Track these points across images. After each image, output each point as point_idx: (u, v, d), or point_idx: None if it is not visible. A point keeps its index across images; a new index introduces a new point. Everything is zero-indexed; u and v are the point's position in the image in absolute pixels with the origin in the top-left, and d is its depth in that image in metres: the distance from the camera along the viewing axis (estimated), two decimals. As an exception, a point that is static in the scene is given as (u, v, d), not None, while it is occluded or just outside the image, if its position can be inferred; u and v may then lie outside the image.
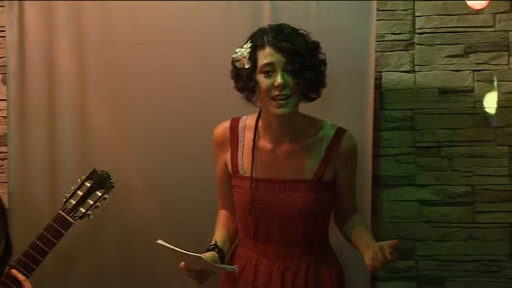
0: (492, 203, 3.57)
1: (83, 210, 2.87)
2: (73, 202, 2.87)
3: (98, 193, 2.90)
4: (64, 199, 2.87)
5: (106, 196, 2.91)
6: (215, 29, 3.47)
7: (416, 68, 3.62)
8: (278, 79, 2.58)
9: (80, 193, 2.88)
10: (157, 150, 3.48)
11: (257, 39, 2.65)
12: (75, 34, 3.52)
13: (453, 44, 3.59)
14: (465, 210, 3.60)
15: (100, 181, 2.91)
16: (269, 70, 2.60)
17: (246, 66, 2.65)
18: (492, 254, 3.59)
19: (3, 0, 3.58)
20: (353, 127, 2.86)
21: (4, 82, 3.66)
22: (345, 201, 2.86)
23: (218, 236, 2.84)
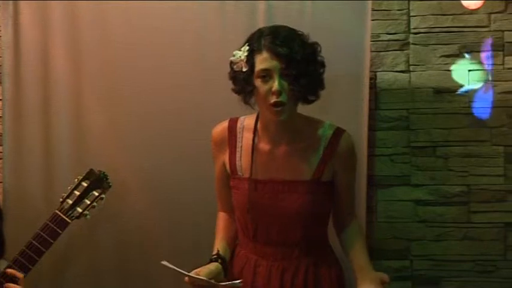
0: (487, 203, 3.58)
1: (80, 210, 2.87)
2: (70, 202, 2.87)
3: (95, 193, 2.90)
4: (61, 199, 2.87)
5: (103, 196, 2.92)
6: (210, 29, 3.47)
7: (411, 68, 3.62)
8: (275, 85, 2.57)
9: (77, 193, 2.88)
10: (153, 150, 3.48)
11: (254, 43, 2.63)
12: (70, 34, 3.52)
13: (448, 44, 3.59)
14: (460, 210, 3.60)
15: (97, 181, 2.91)
16: (266, 75, 2.59)
17: (244, 69, 2.63)
18: (487, 254, 3.59)
19: (-3, 0, 3.58)
20: (348, 127, 2.84)
21: (-1, 82, 3.66)
22: (344, 203, 2.84)
23: (219, 245, 2.83)
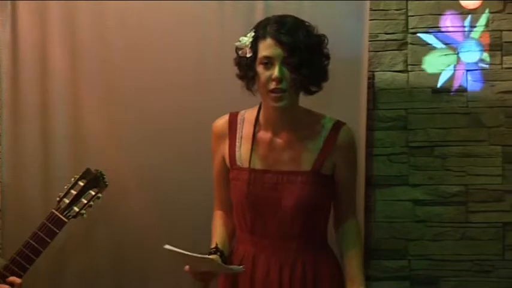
0: (485, 203, 3.57)
1: (77, 209, 2.88)
2: (67, 201, 2.87)
3: (92, 192, 2.91)
4: (58, 198, 2.88)
5: (100, 195, 2.92)
6: (209, 29, 3.47)
7: (409, 68, 3.62)
8: (275, 72, 2.58)
9: (74, 192, 2.89)
10: (151, 149, 3.48)
11: (260, 30, 2.66)
12: (68, 34, 3.52)
13: (446, 44, 3.59)
14: (458, 210, 3.60)
15: (94, 180, 2.92)
16: (268, 62, 2.61)
17: (248, 55, 2.65)
18: (485, 254, 3.59)
19: (-5, -1, 3.58)
20: (347, 126, 2.85)
21: (-3, 81, 3.66)
22: (343, 199, 2.84)
23: (218, 239, 2.82)
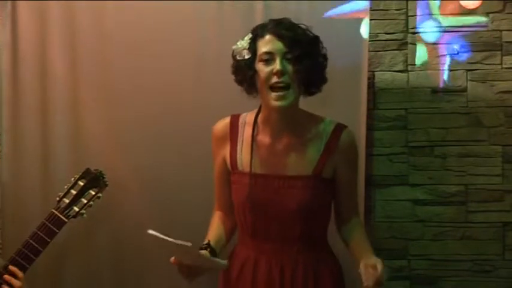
0: (485, 203, 3.57)
1: (77, 209, 2.88)
2: (66, 201, 2.87)
3: (92, 192, 2.91)
4: (58, 198, 2.87)
5: (99, 195, 2.92)
6: (208, 29, 3.47)
7: (409, 68, 3.62)
8: (277, 65, 2.58)
9: (74, 192, 2.89)
10: (151, 149, 3.48)
11: (258, 30, 2.67)
12: (68, 33, 3.52)
13: (446, 44, 3.59)
14: (458, 209, 3.59)
15: (93, 180, 2.92)
16: (268, 58, 2.61)
17: (246, 56, 2.66)
18: (485, 254, 3.58)
19: (-5, -1, 3.58)
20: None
21: (-3, 81, 3.66)
22: (345, 202, 2.84)
23: (211, 236, 2.81)
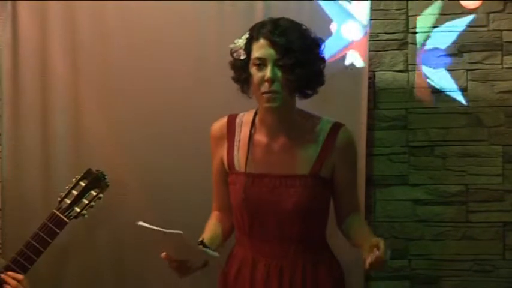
0: (485, 203, 3.57)
1: (78, 209, 2.87)
2: (68, 201, 2.87)
3: (93, 192, 2.90)
4: (59, 198, 2.87)
5: (101, 195, 2.92)
6: (208, 29, 3.48)
7: (409, 68, 3.62)
8: (267, 73, 2.57)
9: (75, 192, 2.88)
10: (151, 149, 3.48)
11: (254, 31, 2.65)
12: (68, 33, 3.52)
13: (447, 44, 3.59)
14: (458, 209, 3.60)
15: (95, 180, 2.91)
16: (260, 64, 2.60)
17: (242, 57, 2.65)
18: (485, 254, 3.59)
19: (-5, -1, 3.58)
20: (347, 126, 2.84)
21: (-3, 81, 3.66)
22: (345, 202, 2.82)
23: (206, 235, 2.79)
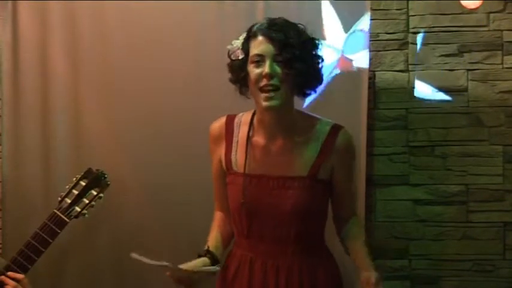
0: (486, 202, 3.57)
1: (78, 209, 2.87)
2: (68, 201, 2.86)
3: (93, 192, 2.90)
4: (59, 198, 2.87)
5: (101, 195, 2.91)
6: (209, 29, 3.48)
7: (410, 68, 3.61)
8: (266, 68, 2.56)
9: (75, 192, 2.88)
10: (151, 149, 3.48)
11: (251, 30, 2.65)
12: (69, 33, 3.53)
13: (447, 44, 3.59)
14: (459, 209, 3.60)
15: (95, 180, 2.91)
16: (259, 60, 2.59)
17: (240, 57, 2.65)
18: (486, 253, 3.59)
19: (-4, -1, 3.58)
20: (347, 126, 2.82)
21: (-2, 81, 3.66)
22: (343, 204, 2.82)
23: (211, 241, 2.81)
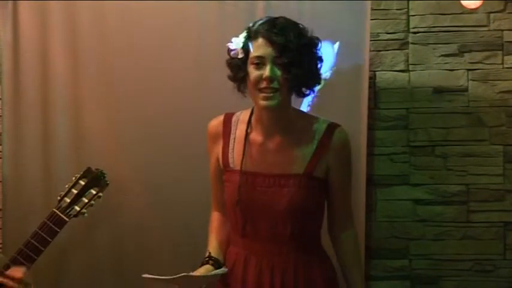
0: (486, 202, 3.57)
1: (78, 208, 2.88)
2: (68, 200, 2.87)
3: (93, 191, 2.91)
4: (59, 197, 2.87)
5: (100, 194, 2.92)
6: (209, 29, 3.47)
7: (410, 67, 3.62)
8: (266, 72, 2.56)
9: (75, 191, 2.89)
10: (151, 149, 3.48)
11: (252, 30, 2.65)
12: (69, 33, 3.52)
13: (447, 43, 3.59)
14: (459, 209, 3.60)
15: (95, 179, 2.92)
16: (259, 62, 2.59)
17: (240, 56, 2.65)
18: (486, 253, 3.59)
19: (-4, -1, 3.58)
20: (347, 126, 2.83)
21: (-2, 81, 3.66)
22: (338, 204, 2.80)
23: (212, 246, 2.82)
